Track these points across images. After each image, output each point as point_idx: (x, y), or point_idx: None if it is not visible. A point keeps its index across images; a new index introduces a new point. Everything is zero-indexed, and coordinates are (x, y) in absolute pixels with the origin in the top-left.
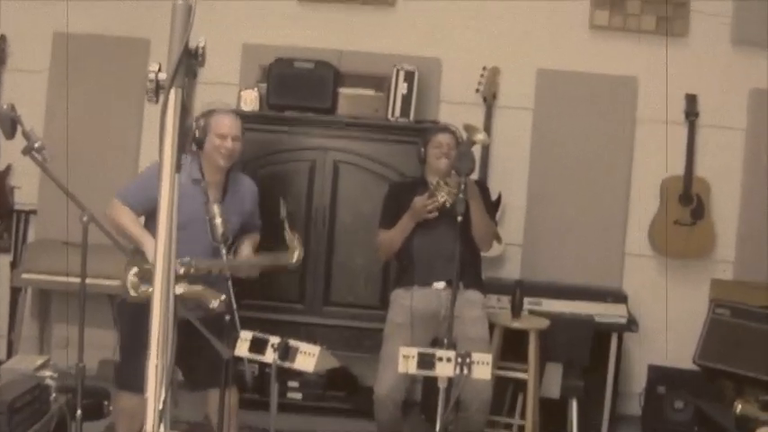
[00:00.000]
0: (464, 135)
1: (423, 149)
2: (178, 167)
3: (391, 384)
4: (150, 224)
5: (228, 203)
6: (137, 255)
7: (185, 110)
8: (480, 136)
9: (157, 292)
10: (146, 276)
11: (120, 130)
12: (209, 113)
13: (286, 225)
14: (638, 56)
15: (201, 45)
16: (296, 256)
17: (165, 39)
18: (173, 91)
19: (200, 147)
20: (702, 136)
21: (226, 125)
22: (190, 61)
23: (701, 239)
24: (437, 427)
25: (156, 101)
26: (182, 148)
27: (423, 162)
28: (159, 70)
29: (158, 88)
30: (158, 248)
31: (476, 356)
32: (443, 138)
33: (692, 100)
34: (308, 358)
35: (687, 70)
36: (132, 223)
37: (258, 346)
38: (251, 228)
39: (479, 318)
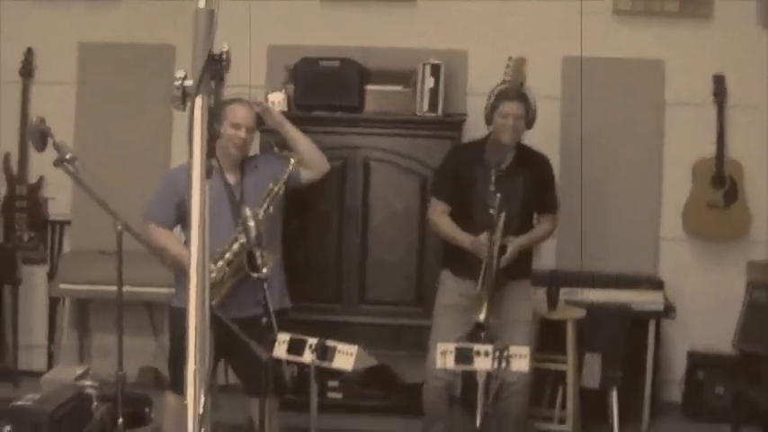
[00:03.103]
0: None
1: (490, 113)
2: (208, 173)
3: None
4: (186, 230)
5: (249, 183)
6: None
7: (213, 115)
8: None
9: (193, 297)
10: None
11: (149, 136)
12: (227, 102)
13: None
14: (663, 39)
15: (225, 50)
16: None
17: (190, 44)
18: (199, 98)
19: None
20: (732, 117)
21: (240, 115)
22: (215, 67)
23: (735, 221)
24: (477, 421)
25: (183, 108)
26: (210, 153)
27: (489, 124)
28: (185, 77)
29: (185, 95)
30: (192, 253)
31: (513, 350)
32: (510, 107)
33: (719, 81)
34: (346, 357)
35: (713, 51)
36: (171, 242)
37: (296, 347)
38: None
39: (521, 301)
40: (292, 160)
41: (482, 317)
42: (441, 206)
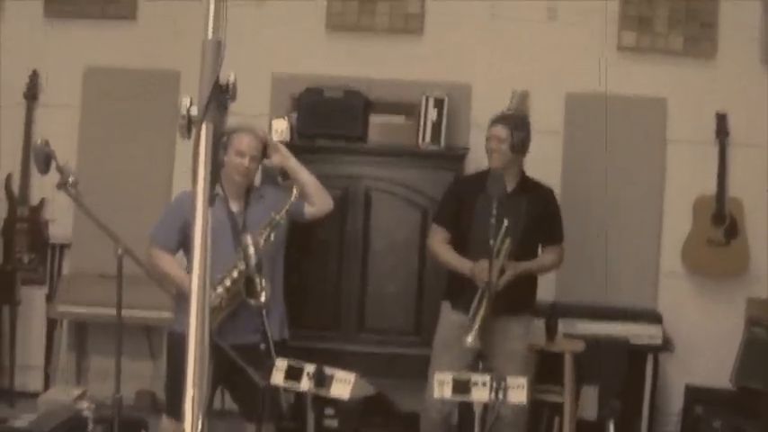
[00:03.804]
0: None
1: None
2: (211, 201)
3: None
4: (188, 254)
5: (252, 213)
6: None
7: (217, 144)
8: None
9: (193, 321)
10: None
11: (152, 162)
12: (231, 131)
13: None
14: (666, 77)
15: (232, 80)
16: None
17: (195, 70)
18: (204, 126)
19: (221, 163)
20: (734, 155)
21: (245, 143)
22: (221, 96)
23: (735, 258)
24: None
25: (189, 136)
26: (214, 181)
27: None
28: (191, 105)
29: (190, 123)
30: (194, 278)
31: (511, 381)
32: (492, 130)
33: (722, 119)
34: (343, 385)
35: (716, 90)
36: (173, 268)
37: (293, 374)
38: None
39: (520, 335)
40: (295, 190)
41: (470, 340)
42: (441, 233)
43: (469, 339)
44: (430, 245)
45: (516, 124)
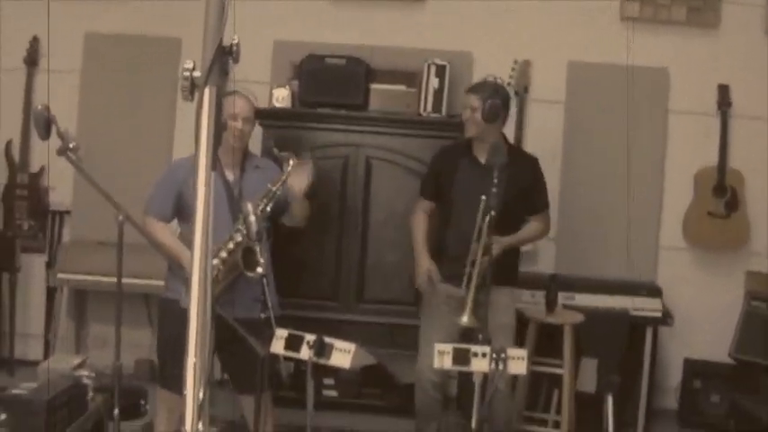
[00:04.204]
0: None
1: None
2: (214, 166)
3: (429, 363)
4: (182, 222)
5: (248, 181)
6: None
7: (219, 107)
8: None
9: (195, 290)
10: None
11: (152, 129)
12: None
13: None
14: (669, 47)
15: (235, 42)
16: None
17: (196, 38)
18: (207, 89)
19: (225, 126)
20: (735, 127)
21: (238, 106)
22: (224, 58)
23: (735, 231)
24: (473, 423)
25: (192, 99)
26: (217, 145)
27: None
28: (193, 68)
29: (193, 86)
30: (195, 247)
31: (511, 351)
32: (467, 99)
33: (724, 91)
34: (343, 355)
35: (719, 61)
36: (167, 237)
37: (293, 343)
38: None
39: (506, 306)
40: (292, 161)
41: (465, 320)
42: (423, 205)
43: (464, 319)
44: (410, 219)
45: (490, 93)
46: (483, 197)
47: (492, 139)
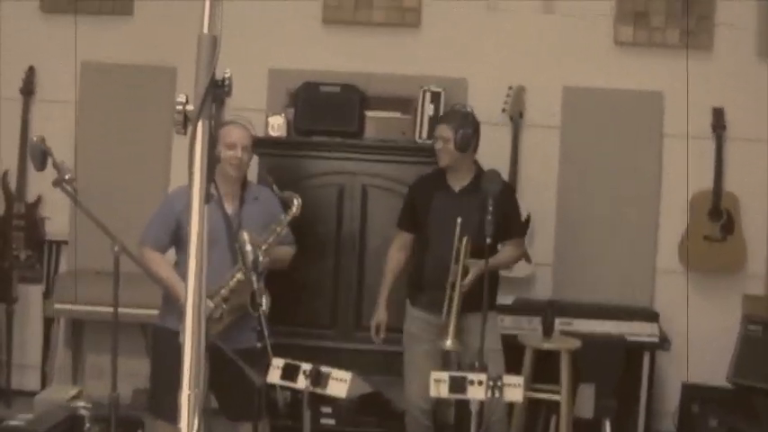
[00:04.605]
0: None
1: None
2: (207, 198)
3: (416, 391)
4: (180, 252)
5: (247, 213)
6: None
7: (213, 140)
8: None
9: (189, 321)
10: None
11: (149, 158)
12: (219, 125)
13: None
14: (663, 71)
15: (228, 76)
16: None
17: (191, 66)
18: (200, 123)
19: (217, 159)
20: (730, 150)
21: (234, 135)
22: (217, 92)
23: (731, 255)
24: None
25: (185, 133)
26: (210, 178)
27: None
28: (186, 102)
29: (186, 120)
30: (189, 278)
31: (507, 379)
32: (439, 130)
33: (718, 113)
34: (340, 384)
35: (713, 84)
36: (163, 268)
37: (290, 372)
38: (281, 241)
39: (490, 331)
40: (296, 202)
41: (448, 344)
42: (401, 237)
43: (448, 343)
44: (388, 251)
45: (461, 123)
46: (459, 219)
47: (464, 167)
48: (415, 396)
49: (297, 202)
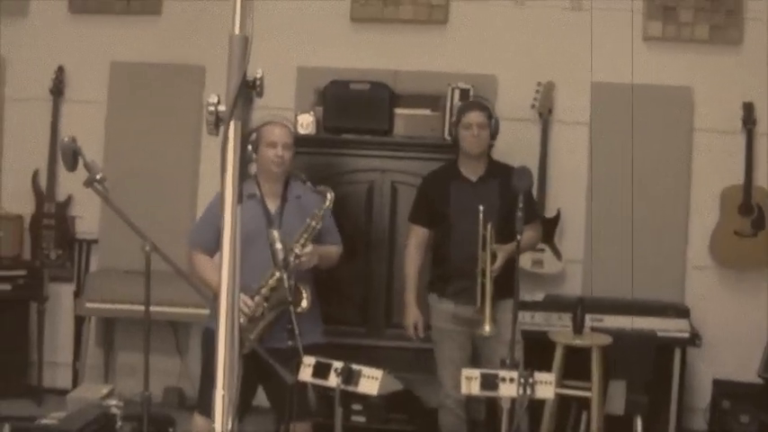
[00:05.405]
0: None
1: (456, 129)
2: (240, 199)
3: (450, 383)
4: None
5: (289, 211)
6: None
7: (245, 141)
8: None
9: (222, 322)
10: None
11: (178, 157)
12: (259, 125)
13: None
14: (692, 66)
15: (259, 76)
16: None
17: (220, 65)
18: (232, 123)
19: (251, 159)
20: (761, 144)
21: (275, 134)
22: (248, 92)
23: (762, 250)
24: None
25: (217, 133)
26: (242, 179)
27: (455, 142)
28: (218, 102)
29: (218, 121)
30: (222, 279)
31: (538, 376)
32: (472, 116)
33: (749, 108)
34: (371, 382)
35: (743, 78)
36: (208, 270)
37: (321, 370)
38: (326, 241)
39: (510, 321)
40: (329, 195)
41: (487, 329)
42: (417, 233)
43: (487, 328)
44: (406, 250)
45: (490, 110)
46: (481, 207)
47: (484, 156)
48: (450, 387)
49: (330, 195)
